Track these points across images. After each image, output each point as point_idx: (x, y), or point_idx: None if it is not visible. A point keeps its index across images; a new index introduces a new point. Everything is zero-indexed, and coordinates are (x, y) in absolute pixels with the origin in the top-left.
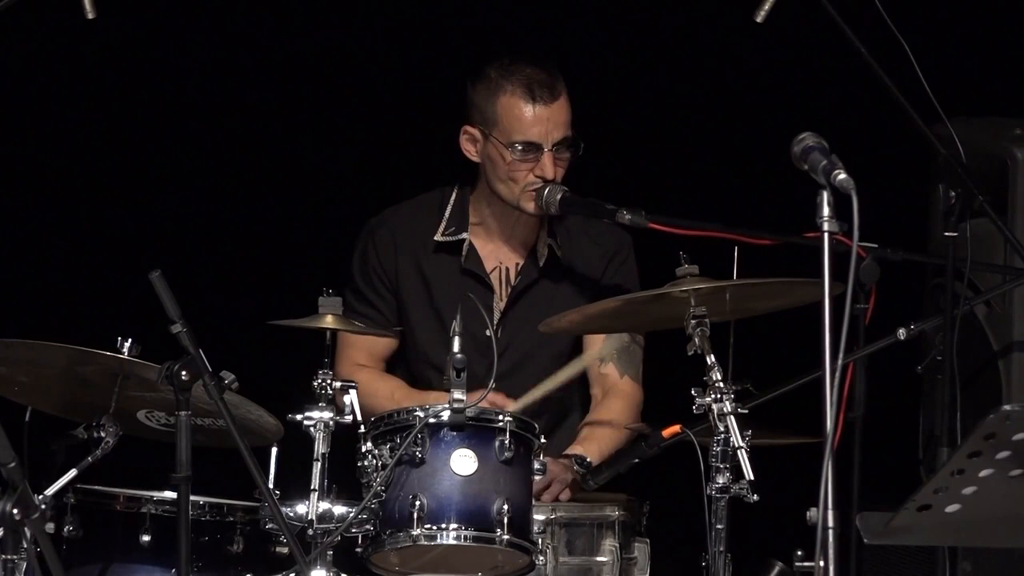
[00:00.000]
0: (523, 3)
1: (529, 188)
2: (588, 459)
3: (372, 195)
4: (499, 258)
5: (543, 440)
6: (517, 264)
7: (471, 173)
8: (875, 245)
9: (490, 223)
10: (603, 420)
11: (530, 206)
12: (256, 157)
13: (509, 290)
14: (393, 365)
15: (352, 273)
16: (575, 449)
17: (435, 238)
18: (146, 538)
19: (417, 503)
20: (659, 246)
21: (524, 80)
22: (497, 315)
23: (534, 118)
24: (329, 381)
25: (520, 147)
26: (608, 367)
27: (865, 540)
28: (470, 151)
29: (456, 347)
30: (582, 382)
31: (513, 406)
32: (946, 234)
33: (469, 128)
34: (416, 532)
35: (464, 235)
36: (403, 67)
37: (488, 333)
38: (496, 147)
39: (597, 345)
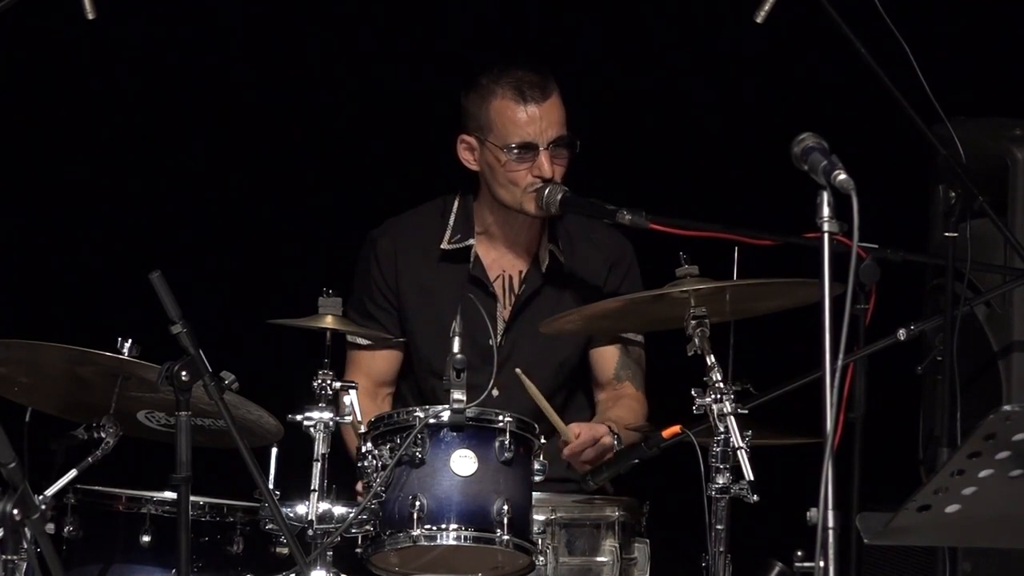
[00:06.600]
0: (524, 4)
1: (530, 189)
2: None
3: (372, 195)
4: (502, 266)
5: (543, 440)
6: (520, 272)
7: (472, 182)
8: (875, 246)
9: (493, 231)
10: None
11: (532, 207)
12: (256, 157)
13: (513, 299)
14: (398, 378)
15: (354, 287)
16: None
17: (442, 246)
18: (146, 538)
19: (417, 503)
20: (659, 246)
21: (513, 82)
22: (502, 324)
23: (527, 118)
24: (329, 381)
25: (516, 149)
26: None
27: (865, 540)
28: (468, 160)
29: (456, 347)
30: (584, 388)
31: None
32: (946, 235)
33: (465, 137)
34: (416, 532)
35: (471, 241)
36: (406, 70)
37: (491, 342)
38: (493, 152)
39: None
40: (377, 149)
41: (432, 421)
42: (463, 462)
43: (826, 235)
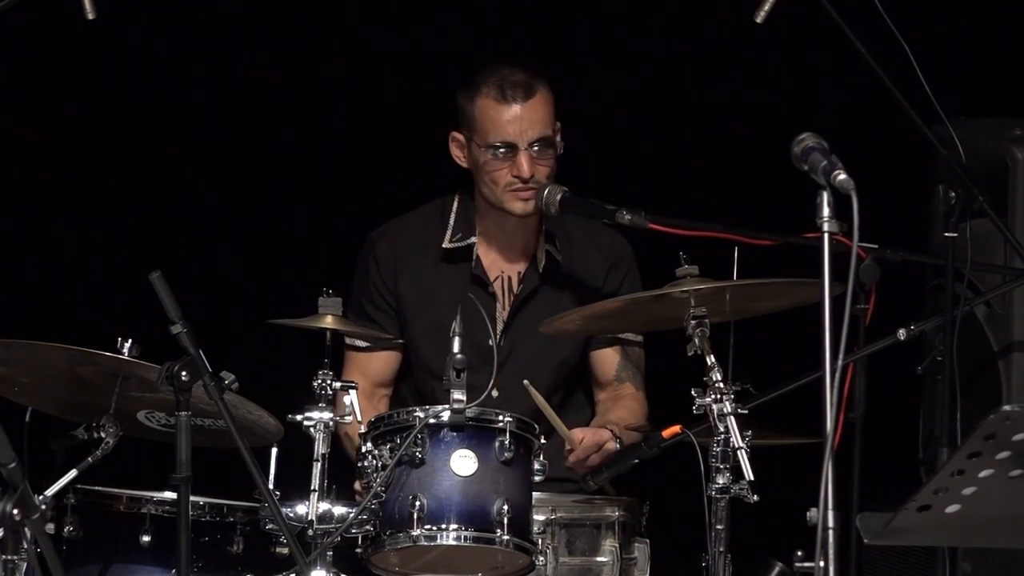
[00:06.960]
0: (524, 4)
1: (509, 188)
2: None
3: (372, 195)
4: (501, 267)
5: (543, 440)
6: (519, 272)
7: (470, 183)
8: (875, 246)
9: (490, 232)
10: (617, 417)
11: (515, 206)
12: (256, 157)
13: (512, 299)
14: (398, 380)
15: (353, 289)
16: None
17: (443, 245)
18: (146, 538)
19: (417, 503)
20: (659, 246)
21: (498, 81)
22: (501, 325)
23: (508, 118)
24: (329, 381)
25: (497, 148)
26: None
27: (865, 540)
28: (459, 156)
29: (456, 347)
30: (583, 387)
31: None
32: (946, 235)
33: (456, 134)
34: (416, 532)
35: (472, 239)
36: (406, 70)
37: (490, 342)
38: (477, 150)
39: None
40: (377, 149)
41: (432, 421)
42: (463, 462)
43: (826, 235)
